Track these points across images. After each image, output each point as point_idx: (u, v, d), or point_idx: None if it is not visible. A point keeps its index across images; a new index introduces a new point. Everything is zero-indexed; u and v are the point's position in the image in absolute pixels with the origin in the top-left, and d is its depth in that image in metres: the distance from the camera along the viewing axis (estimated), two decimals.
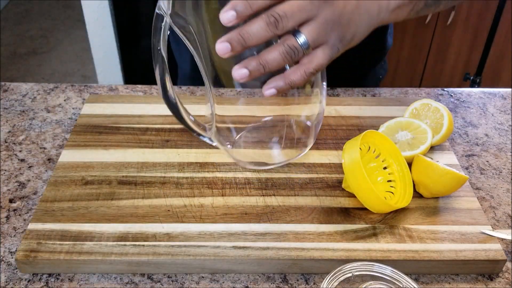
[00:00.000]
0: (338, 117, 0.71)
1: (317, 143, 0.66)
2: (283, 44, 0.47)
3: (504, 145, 0.70)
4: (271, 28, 0.45)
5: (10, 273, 0.52)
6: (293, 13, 0.45)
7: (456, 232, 0.54)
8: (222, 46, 0.46)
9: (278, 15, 0.45)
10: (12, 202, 0.59)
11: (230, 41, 0.45)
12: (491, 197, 0.62)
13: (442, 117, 0.65)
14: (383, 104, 0.74)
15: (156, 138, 0.67)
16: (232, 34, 0.46)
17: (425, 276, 0.52)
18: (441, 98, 0.79)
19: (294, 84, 0.49)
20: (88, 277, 0.51)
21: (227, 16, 0.45)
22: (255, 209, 0.56)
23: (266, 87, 0.49)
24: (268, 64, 0.47)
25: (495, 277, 0.53)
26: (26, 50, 2.68)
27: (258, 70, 0.47)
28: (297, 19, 0.46)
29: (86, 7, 1.68)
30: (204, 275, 0.52)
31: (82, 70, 2.55)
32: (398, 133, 0.64)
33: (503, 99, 0.79)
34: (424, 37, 1.79)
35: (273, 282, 0.51)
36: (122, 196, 0.58)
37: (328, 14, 0.47)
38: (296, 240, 0.53)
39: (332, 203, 0.57)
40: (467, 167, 0.66)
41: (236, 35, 0.46)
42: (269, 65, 0.47)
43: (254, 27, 0.45)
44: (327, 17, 0.47)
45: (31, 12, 3.03)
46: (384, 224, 0.55)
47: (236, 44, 0.46)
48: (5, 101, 0.76)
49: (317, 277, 0.52)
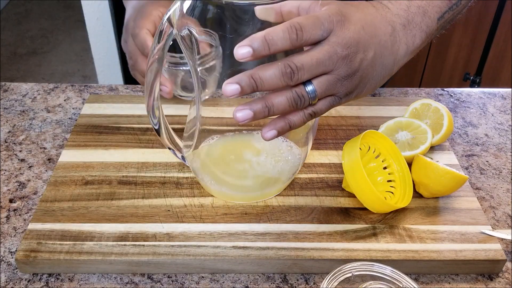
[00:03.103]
0: (338, 117, 0.71)
1: (317, 143, 0.66)
2: (291, 90, 0.45)
3: (504, 145, 0.70)
4: (285, 78, 0.43)
5: (10, 273, 0.52)
6: (310, 67, 0.44)
7: (456, 232, 0.54)
8: (231, 88, 0.43)
9: (295, 66, 0.43)
10: (12, 202, 0.59)
11: (240, 83, 0.43)
12: (491, 197, 0.62)
13: (442, 117, 0.65)
14: (383, 104, 0.74)
15: (156, 138, 0.67)
16: (243, 76, 0.43)
17: (425, 276, 0.52)
18: (441, 98, 0.79)
19: (295, 126, 0.47)
20: (88, 277, 0.51)
21: (242, 51, 0.42)
22: (255, 209, 0.56)
23: (266, 129, 0.46)
24: (274, 108, 0.45)
25: (495, 277, 0.53)
26: (26, 50, 2.68)
27: (262, 113, 0.45)
28: (313, 73, 0.44)
29: (86, 7, 1.68)
30: (204, 275, 0.52)
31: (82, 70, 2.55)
32: (398, 133, 0.64)
33: (503, 99, 0.80)
34: None
35: (273, 282, 0.51)
36: (122, 196, 0.58)
37: (343, 71, 0.45)
38: (296, 240, 0.53)
39: (332, 203, 0.57)
40: (467, 167, 0.66)
41: (248, 78, 0.43)
42: (274, 109, 0.45)
43: (267, 74, 0.43)
44: (341, 74, 0.45)
45: (31, 12, 3.03)
46: (384, 224, 0.55)
47: (247, 87, 0.43)
48: (5, 101, 0.76)
49: (317, 277, 0.52)
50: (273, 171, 0.57)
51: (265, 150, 0.60)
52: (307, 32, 0.43)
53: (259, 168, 0.58)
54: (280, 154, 0.59)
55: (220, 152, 0.61)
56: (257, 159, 0.59)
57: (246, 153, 0.60)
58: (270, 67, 0.43)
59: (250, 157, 0.59)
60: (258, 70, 0.43)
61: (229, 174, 0.59)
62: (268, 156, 0.59)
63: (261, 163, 0.58)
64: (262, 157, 0.59)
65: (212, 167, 0.59)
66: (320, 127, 0.69)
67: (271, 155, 0.59)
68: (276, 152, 0.59)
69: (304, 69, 0.44)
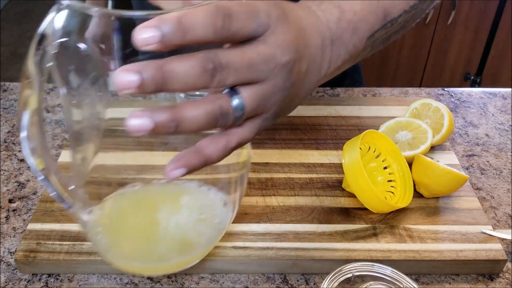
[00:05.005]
0: (338, 117, 0.71)
1: (317, 143, 0.66)
2: (212, 102, 0.33)
3: (504, 145, 0.70)
4: (204, 77, 0.32)
5: (9, 274, 0.51)
6: (240, 67, 0.33)
7: (456, 232, 0.54)
8: (126, 79, 0.30)
9: (219, 62, 0.32)
10: (11, 202, 0.59)
11: (142, 74, 0.30)
12: (491, 197, 0.62)
13: (443, 117, 0.65)
14: (383, 104, 0.74)
15: (155, 141, 0.66)
16: (149, 64, 0.30)
17: (426, 277, 0.52)
18: (442, 98, 0.79)
19: (211, 161, 0.35)
20: (88, 278, 0.51)
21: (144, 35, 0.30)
22: (255, 209, 0.56)
23: (172, 166, 0.34)
24: (185, 123, 0.32)
25: (495, 277, 0.53)
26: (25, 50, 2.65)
27: (167, 127, 0.32)
28: (242, 77, 0.33)
29: None
30: (204, 275, 0.52)
31: None
32: (398, 133, 0.64)
33: (504, 99, 0.79)
34: (425, 36, 1.79)
35: (273, 282, 0.51)
36: None
37: (281, 82, 0.35)
38: (296, 240, 0.53)
39: (332, 203, 0.57)
40: (467, 167, 0.66)
41: (155, 69, 0.30)
42: (185, 125, 0.32)
43: (182, 67, 0.31)
44: (277, 85, 0.35)
45: (31, 12, 3.03)
46: (384, 224, 0.55)
47: (150, 82, 0.30)
48: (4, 101, 0.76)
49: (317, 277, 0.52)
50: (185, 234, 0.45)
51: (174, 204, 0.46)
52: (238, 22, 0.32)
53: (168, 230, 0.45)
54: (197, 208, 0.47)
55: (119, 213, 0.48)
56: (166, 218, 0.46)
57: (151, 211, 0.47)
58: (187, 58, 0.32)
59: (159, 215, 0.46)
60: (171, 60, 0.31)
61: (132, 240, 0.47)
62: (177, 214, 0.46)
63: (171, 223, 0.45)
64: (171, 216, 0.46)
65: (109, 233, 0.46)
66: (320, 127, 0.69)
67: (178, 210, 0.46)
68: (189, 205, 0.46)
69: (230, 69, 0.33)
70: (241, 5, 0.33)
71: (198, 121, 0.33)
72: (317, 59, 0.39)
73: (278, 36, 0.34)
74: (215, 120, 0.33)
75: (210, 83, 0.32)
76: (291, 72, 0.36)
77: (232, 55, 0.33)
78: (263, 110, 0.36)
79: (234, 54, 0.33)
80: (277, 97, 0.36)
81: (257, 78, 0.34)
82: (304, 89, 0.39)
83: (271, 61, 0.34)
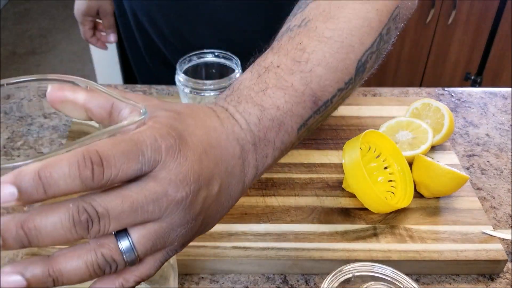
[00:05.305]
0: (338, 117, 0.71)
1: (317, 143, 0.66)
2: (94, 250, 0.30)
3: (505, 145, 0.70)
4: (77, 230, 0.28)
5: None
6: (121, 213, 0.29)
7: (457, 232, 0.54)
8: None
9: (94, 212, 0.29)
10: None
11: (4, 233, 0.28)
12: (492, 197, 0.61)
13: (443, 117, 0.65)
14: (384, 104, 0.73)
15: None
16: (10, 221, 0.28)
17: (426, 277, 0.52)
18: (442, 98, 0.79)
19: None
20: None
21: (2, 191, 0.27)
22: (255, 209, 0.56)
23: None
24: (64, 277, 0.29)
25: (496, 277, 0.52)
26: (25, 50, 2.68)
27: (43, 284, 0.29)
28: (126, 222, 0.30)
29: None
30: (204, 276, 0.52)
31: (81, 69, 2.55)
32: (399, 133, 0.64)
33: (504, 99, 0.79)
34: (425, 36, 1.79)
35: (273, 282, 0.51)
36: None
37: (178, 219, 0.32)
38: (296, 240, 0.53)
39: (333, 203, 0.57)
40: (468, 167, 0.66)
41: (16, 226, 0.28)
42: (65, 279, 0.29)
43: (49, 221, 0.28)
44: (175, 222, 0.32)
45: (31, 11, 3.03)
46: (384, 224, 0.55)
47: (12, 241, 0.28)
48: (5, 104, 0.76)
49: (317, 277, 0.52)
50: None
51: None
52: (112, 168, 0.29)
53: None
54: None
55: None
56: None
57: None
58: (56, 209, 0.28)
59: None
60: (36, 214, 0.28)
61: None
62: None
63: None
64: None
65: None
66: (320, 127, 0.69)
67: None
68: None
69: (109, 217, 0.29)
70: (117, 145, 0.29)
71: (80, 273, 0.30)
72: (236, 169, 0.37)
73: (170, 171, 0.31)
74: (100, 269, 0.30)
75: (86, 235, 0.29)
76: (191, 205, 0.32)
77: (111, 201, 0.29)
78: (164, 245, 0.32)
79: (113, 199, 0.29)
80: (177, 232, 0.32)
81: (147, 219, 0.30)
82: (223, 205, 0.36)
83: (162, 199, 0.30)
